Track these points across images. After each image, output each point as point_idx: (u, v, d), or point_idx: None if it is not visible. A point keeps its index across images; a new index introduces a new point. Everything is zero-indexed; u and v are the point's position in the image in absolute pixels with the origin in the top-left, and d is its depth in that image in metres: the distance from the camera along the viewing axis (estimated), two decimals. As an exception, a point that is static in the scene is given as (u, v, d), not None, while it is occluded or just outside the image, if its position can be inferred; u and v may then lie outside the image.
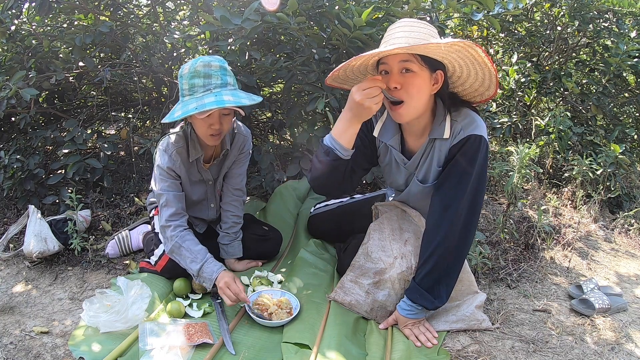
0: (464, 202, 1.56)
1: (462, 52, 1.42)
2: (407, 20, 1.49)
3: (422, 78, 1.47)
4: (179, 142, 1.83)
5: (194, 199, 1.99)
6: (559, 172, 3.11)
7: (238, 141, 1.99)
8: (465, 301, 1.79)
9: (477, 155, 1.54)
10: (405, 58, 1.45)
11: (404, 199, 1.89)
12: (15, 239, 2.23)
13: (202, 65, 1.64)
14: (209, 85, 1.63)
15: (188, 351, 1.51)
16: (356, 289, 1.81)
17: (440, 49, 1.39)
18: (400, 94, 1.48)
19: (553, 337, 1.74)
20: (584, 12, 3.04)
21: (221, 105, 1.58)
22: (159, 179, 1.83)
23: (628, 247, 2.57)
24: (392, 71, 1.48)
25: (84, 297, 1.87)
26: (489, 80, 1.53)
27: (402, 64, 1.46)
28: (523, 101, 3.40)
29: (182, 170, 1.86)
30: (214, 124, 1.71)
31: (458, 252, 1.60)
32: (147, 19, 2.95)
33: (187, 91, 1.67)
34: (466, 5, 2.14)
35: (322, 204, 2.37)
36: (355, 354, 1.57)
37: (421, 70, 1.47)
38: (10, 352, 1.54)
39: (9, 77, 2.29)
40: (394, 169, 1.80)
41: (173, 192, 1.82)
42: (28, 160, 2.40)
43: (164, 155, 1.82)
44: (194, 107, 1.59)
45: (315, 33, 2.33)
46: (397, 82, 1.47)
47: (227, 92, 1.64)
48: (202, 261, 1.74)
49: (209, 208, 2.07)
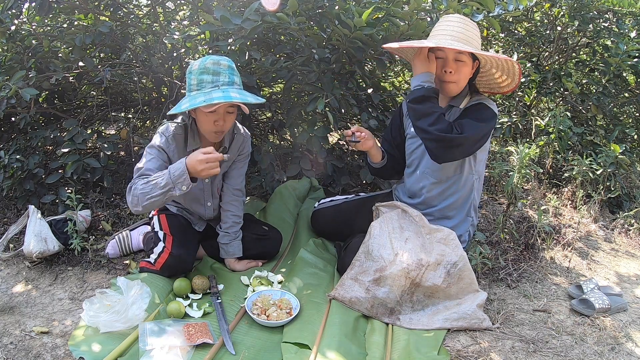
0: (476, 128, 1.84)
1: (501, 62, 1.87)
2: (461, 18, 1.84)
3: (468, 67, 1.88)
4: (178, 130, 1.86)
5: (189, 196, 1.99)
6: (559, 172, 3.11)
7: (238, 141, 2.00)
8: (467, 299, 1.79)
9: (487, 110, 1.89)
10: (460, 51, 1.82)
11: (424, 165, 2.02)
12: (15, 239, 2.23)
13: (212, 63, 1.68)
14: (217, 82, 1.68)
15: (188, 351, 1.51)
16: (356, 286, 1.81)
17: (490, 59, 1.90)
18: (453, 77, 1.88)
19: (553, 337, 1.74)
20: (584, 12, 3.04)
21: (228, 100, 1.63)
22: (145, 156, 1.78)
23: (628, 247, 2.57)
24: (447, 58, 1.86)
25: (84, 297, 1.87)
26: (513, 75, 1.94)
27: (457, 55, 1.85)
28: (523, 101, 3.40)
29: (175, 157, 1.83)
30: (218, 121, 1.74)
31: None
32: (147, 19, 2.95)
33: (195, 86, 1.70)
34: (466, 6, 2.14)
35: (327, 199, 2.39)
36: (355, 354, 1.57)
37: (469, 60, 1.87)
38: (10, 352, 1.54)
39: (9, 77, 2.29)
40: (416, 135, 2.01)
41: (154, 159, 1.76)
42: (28, 160, 2.40)
43: (160, 136, 1.82)
44: (202, 100, 1.64)
45: (315, 33, 2.33)
46: (452, 67, 1.86)
47: (234, 90, 1.69)
48: (166, 171, 1.64)
49: (206, 207, 2.07)
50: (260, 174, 2.66)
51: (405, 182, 2.14)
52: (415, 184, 2.06)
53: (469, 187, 1.99)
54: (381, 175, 2.33)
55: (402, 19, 2.16)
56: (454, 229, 1.92)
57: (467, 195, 2.00)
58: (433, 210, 2.01)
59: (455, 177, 1.97)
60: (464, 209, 2.01)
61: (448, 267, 1.79)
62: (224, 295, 1.88)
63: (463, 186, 1.98)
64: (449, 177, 1.97)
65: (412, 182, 2.08)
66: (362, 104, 2.74)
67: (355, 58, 2.38)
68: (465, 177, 1.97)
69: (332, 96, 2.30)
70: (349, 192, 2.74)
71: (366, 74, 2.78)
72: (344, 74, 2.62)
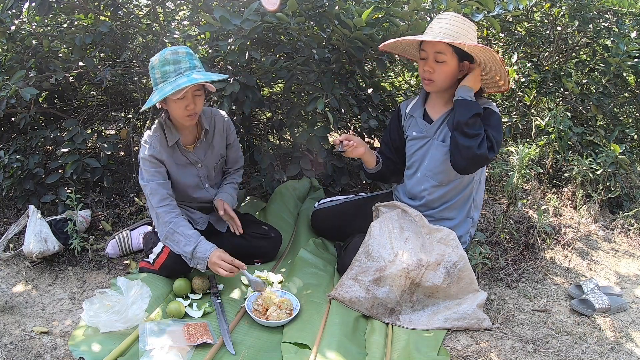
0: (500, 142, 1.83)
1: (482, 50, 1.75)
2: (451, 15, 1.82)
3: (449, 66, 1.83)
4: (156, 131, 1.93)
5: (187, 183, 2.02)
6: (559, 172, 3.11)
7: (219, 123, 2.08)
8: (467, 299, 1.79)
9: (495, 115, 1.86)
10: (439, 49, 1.80)
11: (427, 166, 2.00)
12: (15, 239, 2.23)
13: (171, 53, 1.76)
14: (179, 70, 1.75)
15: (188, 351, 1.51)
16: (356, 286, 1.82)
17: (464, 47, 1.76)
18: (432, 75, 1.86)
19: (553, 337, 1.74)
20: (584, 12, 3.04)
21: (194, 82, 1.71)
22: (142, 171, 1.91)
23: (628, 247, 2.57)
24: (428, 57, 1.84)
25: (84, 297, 1.87)
26: (504, 76, 1.90)
27: (436, 55, 1.81)
28: (523, 101, 3.40)
29: (165, 155, 1.92)
30: (189, 105, 1.81)
31: None
32: (147, 19, 2.95)
33: (160, 79, 1.77)
34: (466, 5, 2.14)
35: (327, 199, 2.39)
36: (355, 354, 1.57)
37: (451, 60, 1.82)
38: (10, 352, 1.54)
39: (9, 77, 2.29)
40: (416, 135, 2.05)
41: (156, 181, 1.89)
42: (28, 160, 2.40)
43: (144, 147, 1.92)
44: (170, 89, 1.71)
45: (315, 33, 2.33)
46: (430, 67, 1.84)
47: (197, 72, 1.76)
48: (195, 243, 1.81)
49: (206, 189, 2.11)
50: (260, 174, 2.66)
51: (405, 184, 2.13)
52: (415, 186, 2.04)
53: (470, 188, 1.99)
54: (379, 179, 2.34)
55: (401, 19, 2.16)
56: (454, 230, 1.92)
57: (467, 196, 2.00)
58: (433, 212, 2.01)
59: (457, 180, 1.95)
60: (464, 209, 2.01)
61: (448, 267, 1.79)
62: (224, 295, 1.88)
63: (464, 188, 1.98)
64: (451, 180, 1.96)
65: (412, 184, 2.06)
66: (362, 104, 2.74)
67: (355, 58, 2.38)
68: (467, 179, 1.96)
69: (332, 96, 2.30)
70: (349, 192, 2.74)
71: (366, 74, 2.78)
72: (344, 74, 2.62)
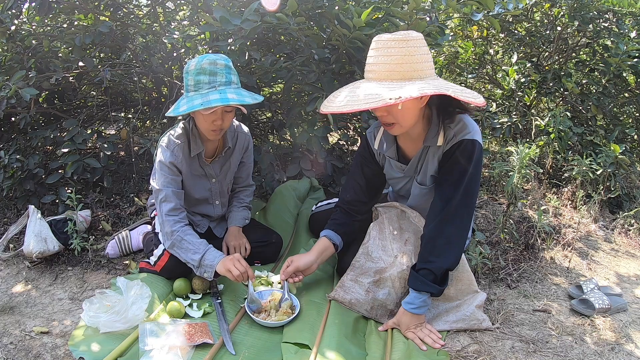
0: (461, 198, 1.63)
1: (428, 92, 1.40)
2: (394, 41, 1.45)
3: (405, 106, 1.52)
4: (180, 138, 1.87)
5: (196, 197, 2.00)
6: (559, 172, 3.11)
7: (241, 140, 2.05)
8: (466, 301, 1.79)
9: (472, 156, 1.62)
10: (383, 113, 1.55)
11: (409, 203, 1.92)
12: (15, 239, 2.23)
13: (208, 63, 1.68)
14: (214, 83, 1.68)
15: (188, 351, 1.51)
16: (356, 287, 1.81)
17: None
18: (390, 119, 1.57)
19: (553, 337, 1.74)
20: (584, 12, 3.04)
21: (225, 102, 1.63)
22: (159, 174, 1.85)
23: (628, 247, 2.57)
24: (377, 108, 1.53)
25: (84, 297, 1.87)
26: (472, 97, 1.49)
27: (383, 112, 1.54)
28: (523, 101, 3.40)
29: (184, 165, 1.89)
30: (217, 120, 1.75)
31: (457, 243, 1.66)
32: (147, 19, 2.95)
33: (192, 87, 1.71)
34: (466, 5, 2.14)
35: (324, 202, 2.38)
36: (355, 354, 1.57)
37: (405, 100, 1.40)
38: (10, 352, 1.54)
39: (9, 77, 2.29)
40: (396, 176, 1.89)
41: (172, 189, 1.84)
42: (28, 160, 2.41)
43: (165, 151, 1.85)
44: (200, 102, 1.64)
45: (315, 33, 2.33)
46: (384, 111, 1.55)
47: (231, 90, 1.69)
48: (203, 251, 1.77)
49: (214, 205, 2.09)
50: (260, 174, 2.66)
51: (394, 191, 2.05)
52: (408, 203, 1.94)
53: None
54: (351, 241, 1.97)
55: (401, 19, 2.16)
56: None
57: None
58: None
59: None
60: None
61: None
62: (224, 295, 1.88)
63: None
64: None
65: (403, 201, 1.96)
66: (362, 104, 2.74)
67: (355, 58, 2.38)
68: None
69: (332, 96, 2.29)
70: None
71: (366, 74, 2.77)
72: (344, 74, 2.62)
